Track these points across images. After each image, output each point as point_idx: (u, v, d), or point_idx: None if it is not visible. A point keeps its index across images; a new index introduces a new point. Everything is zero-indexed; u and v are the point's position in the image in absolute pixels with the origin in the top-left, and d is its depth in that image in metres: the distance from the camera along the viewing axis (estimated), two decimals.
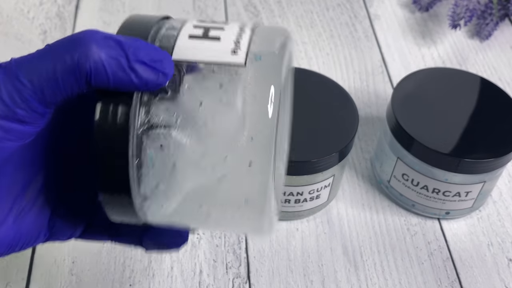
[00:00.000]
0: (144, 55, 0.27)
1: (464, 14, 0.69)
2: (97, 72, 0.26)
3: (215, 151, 0.27)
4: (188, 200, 0.28)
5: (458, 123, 0.50)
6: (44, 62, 0.27)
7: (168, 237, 0.33)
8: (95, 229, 0.35)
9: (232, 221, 0.29)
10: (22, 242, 0.32)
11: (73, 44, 0.27)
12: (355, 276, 0.48)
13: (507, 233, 0.52)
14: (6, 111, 0.27)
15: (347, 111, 0.50)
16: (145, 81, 0.27)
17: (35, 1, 0.71)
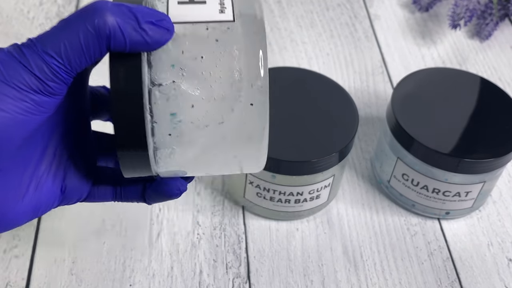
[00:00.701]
0: (150, 16, 0.30)
1: (464, 14, 0.69)
2: (115, 35, 0.29)
3: (220, 97, 0.31)
4: (198, 145, 0.32)
5: (458, 123, 0.50)
6: (66, 33, 0.29)
7: (169, 186, 0.35)
8: (100, 189, 0.37)
9: (234, 161, 0.33)
10: (42, 208, 0.34)
11: (90, 13, 0.29)
12: (355, 276, 0.48)
13: (507, 233, 0.52)
14: (38, 85, 0.29)
15: (347, 111, 0.50)
16: (155, 39, 0.30)
17: (35, 1, 0.71)
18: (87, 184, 0.36)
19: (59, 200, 0.35)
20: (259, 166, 0.35)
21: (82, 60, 0.30)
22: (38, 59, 0.29)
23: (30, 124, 0.30)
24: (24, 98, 0.29)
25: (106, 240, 0.49)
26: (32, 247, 0.48)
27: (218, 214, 0.52)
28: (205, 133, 0.32)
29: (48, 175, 0.34)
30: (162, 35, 0.30)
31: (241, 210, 0.52)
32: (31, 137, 0.32)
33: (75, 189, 0.35)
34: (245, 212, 0.52)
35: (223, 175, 0.54)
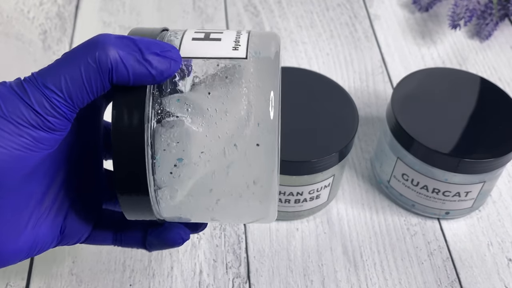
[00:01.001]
0: (155, 47, 0.30)
1: (464, 14, 0.69)
2: (117, 68, 0.29)
3: (224, 136, 0.29)
4: (200, 185, 0.30)
5: (458, 123, 0.50)
6: (67, 67, 0.29)
7: (171, 233, 0.34)
8: (100, 233, 0.36)
9: (239, 206, 0.31)
10: (38, 248, 0.33)
11: (91, 47, 0.29)
12: (355, 276, 0.48)
13: (507, 233, 0.52)
14: (37, 120, 0.28)
15: (347, 111, 0.50)
16: (160, 70, 0.29)
17: (35, 1, 0.71)
18: (87, 227, 0.35)
19: (57, 241, 0.34)
20: (270, 215, 0.33)
21: (84, 94, 0.29)
22: (38, 94, 0.28)
23: (29, 160, 0.29)
24: (22, 134, 0.28)
25: None
26: None
27: None
28: (208, 173, 0.30)
29: (48, 215, 0.33)
30: (168, 66, 0.29)
31: None
32: (32, 174, 0.31)
33: (75, 231, 0.35)
34: None
35: None
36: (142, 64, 0.29)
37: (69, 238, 0.35)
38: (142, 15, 0.71)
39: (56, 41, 0.67)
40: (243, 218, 0.33)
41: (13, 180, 0.29)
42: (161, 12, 0.72)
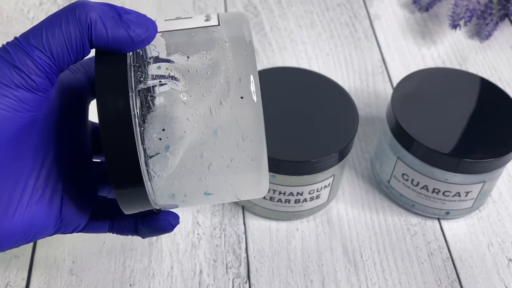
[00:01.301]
0: (132, 12, 0.31)
1: (464, 14, 0.69)
2: (96, 26, 0.29)
3: (209, 94, 0.30)
4: (190, 150, 0.31)
5: (458, 123, 0.50)
6: (48, 25, 0.30)
7: (160, 220, 0.35)
8: (97, 221, 0.37)
9: (232, 171, 0.32)
10: (35, 230, 0.33)
11: (71, 7, 0.30)
12: (355, 276, 0.48)
13: (507, 233, 0.52)
14: (20, 79, 0.29)
15: (347, 111, 0.50)
16: (138, 33, 0.30)
17: (35, 1, 0.71)
18: (85, 215, 0.36)
19: (55, 227, 0.34)
20: (262, 182, 0.33)
21: (65, 51, 0.30)
22: (21, 53, 0.29)
23: (14, 121, 0.30)
24: (5, 93, 0.29)
25: (106, 240, 0.49)
26: (32, 247, 0.48)
27: (218, 214, 0.52)
28: (196, 134, 0.31)
29: (42, 195, 0.33)
30: (145, 30, 0.30)
31: (241, 210, 0.52)
32: (19, 144, 0.31)
33: (72, 219, 0.35)
34: (245, 212, 0.52)
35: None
36: (120, 24, 0.30)
37: (67, 225, 0.35)
38: None
39: None
40: (237, 187, 0.33)
41: (1, 145, 0.30)
42: (161, 12, 0.72)
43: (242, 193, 0.34)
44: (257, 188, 0.33)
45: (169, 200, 0.33)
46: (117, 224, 0.37)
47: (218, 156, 0.31)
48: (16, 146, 0.31)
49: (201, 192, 0.33)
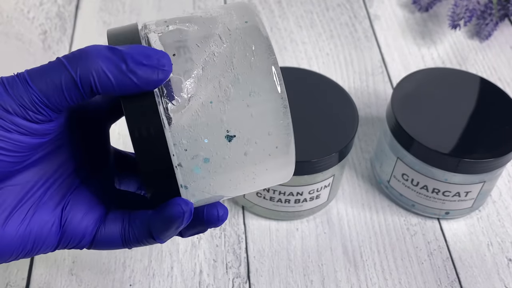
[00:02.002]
0: (142, 57, 0.30)
1: (464, 14, 0.69)
2: (100, 81, 0.30)
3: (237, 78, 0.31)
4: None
5: (458, 123, 0.50)
6: (51, 73, 0.30)
7: (171, 206, 0.33)
8: (107, 234, 0.35)
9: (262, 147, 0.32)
10: (32, 244, 0.32)
11: (77, 58, 0.30)
12: (355, 276, 0.48)
13: (507, 233, 0.52)
14: (17, 110, 0.30)
15: (347, 111, 0.50)
16: (145, 80, 0.30)
17: (35, 1, 0.71)
18: (89, 225, 0.35)
19: (56, 240, 0.34)
20: (287, 174, 0.34)
21: (62, 99, 0.30)
22: (20, 87, 0.30)
23: (18, 141, 0.30)
24: (3, 117, 0.30)
25: None
26: None
27: None
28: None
29: (41, 209, 0.33)
30: (155, 75, 0.30)
31: (241, 210, 0.52)
32: (22, 162, 0.32)
33: (75, 232, 0.34)
34: (245, 212, 0.52)
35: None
36: (126, 74, 0.30)
37: (71, 235, 0.34)
38: (142, 15, 0.71)
39: (56, 41, 0.67)
40: (264, 164, 0.33)
41: (8, 161, 0.31)
42: (161, 12, 0.72)
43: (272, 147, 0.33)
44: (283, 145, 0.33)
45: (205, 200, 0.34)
46: (129, 231, 0.35)
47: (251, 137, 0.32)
48: (20, 163, 0.31)
49: (221, 132, 0.33)
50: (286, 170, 0.34)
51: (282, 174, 0.34)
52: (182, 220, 0.33)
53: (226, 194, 0.34)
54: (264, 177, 0.33)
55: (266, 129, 0.31)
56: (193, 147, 0.31)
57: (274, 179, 0.34)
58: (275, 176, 0.34)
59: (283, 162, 0.33)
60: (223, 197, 0.34)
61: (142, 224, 0.34)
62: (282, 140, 0.32)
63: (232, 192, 0.34)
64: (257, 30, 0.33)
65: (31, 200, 0.33)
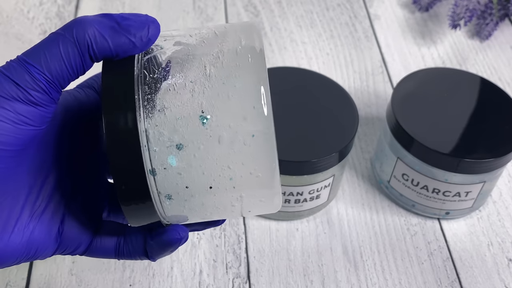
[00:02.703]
0: (130, 16, 0.31)
1: (464, 14, 0.69)
2: (97, 42, 0.30)
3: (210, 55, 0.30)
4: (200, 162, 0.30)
5: (458, 123, 0.50)
6: (47, 44, 0.30)
7: (168, 232, 0.34)
8: (101, 243, 0.36)
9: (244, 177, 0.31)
10: (34, 251, 0.33)
11: (69, 25, 0.30)
12: (355, 276, 0.48)
13: (507, 233, 0.52)
14: (18, 93, 0.29)
15: (347, 111, 0.50)
16: (139, 36, 0.31)
17: (35, 1, 0.71)
18: (86, 233, 0.35)
19: (54, 246, 0.34)
20: (274, 205, 0.33)
21: (63, 68, 0.30)
22: (20, 68, 0.30)
23: (14, 133, 0.30)
24: (4, 105, 0.29)
25: None
26: None
27: None
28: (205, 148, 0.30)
29: (41, 216, 0.33)
30: (145, 30, 0.31)
31: None
32: (19, 159, 0.31)
33: (72, 239, 0.34)
34: None
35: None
36: (120, 32, 0.30)
37: (68, 243, 0.34)
38: None
39: None
40: (242, 210, 0.32)
41: (3, 156, 0.30)
42: (161, 12, 0.72)
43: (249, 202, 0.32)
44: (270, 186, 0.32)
45: (178, 218, 0.33)
46: (124, 246, 0.36)
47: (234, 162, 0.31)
48: (16, 160, 0.31)
49: (208, 213, 0.32)
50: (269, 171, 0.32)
51: (262, 173, 0.32)
52: (179, 246, 0.34)
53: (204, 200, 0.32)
54: (243, 177, 0.31)
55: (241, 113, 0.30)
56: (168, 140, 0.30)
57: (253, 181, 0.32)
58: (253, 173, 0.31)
59: (263, 154, 0.31)
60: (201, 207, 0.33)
61: (138, 243, 0.35)
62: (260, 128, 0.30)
63: (208, 199, 0.32)
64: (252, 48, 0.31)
65: (32, 208, 0.32)
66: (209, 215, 0.33)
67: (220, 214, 0.33)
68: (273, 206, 0.33)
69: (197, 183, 0.30)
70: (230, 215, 0.33)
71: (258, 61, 0.31)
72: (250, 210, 0.33)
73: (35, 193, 0.33)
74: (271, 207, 0.33)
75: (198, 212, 0.32)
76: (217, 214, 0.33)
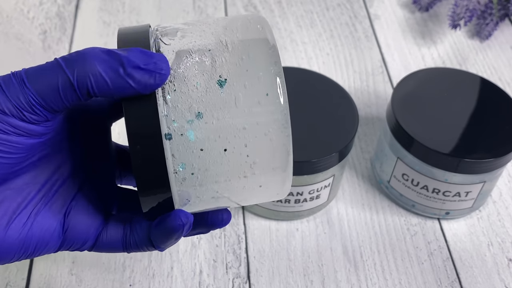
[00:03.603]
0: (139, 61, 0.30)
1: (464, 14, 0.69)
2: (97, 84, 0.29)
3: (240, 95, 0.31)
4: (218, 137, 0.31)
5: (458, 123, 0.50)
6: (48, 74, 0.30)
7: (170, 217, 0.34)
8: (108, 238, 0.36)
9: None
10: (34, 246, 0.33)
11: (74, 60, 0.30)
12: (355, 276, 0.48)
13: (507, 233, 0.52)
14: (13, 112, 0.30)
15: (347, 111, 0.50)
16: (143, 84, 0.30)
17: (35, 1, 0.71)
18: (92, 229, 0.35)
19: (58, 242, 0.34)
20: (283, 191, 0.34)
21: (59, 102, 0.30)
22: (17, 87, 0.30)
23: (16, 143, 0.30)
24: (1, 119, 0.29)
25: None
26: None
27: None
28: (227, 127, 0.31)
29: (43, 211, 0.33)
30: (152, 79, 0.30)
31: (241, 210, 0.52)
32: (20, 163, 0.31)
33: (77, 234, 0.34)
34: (245, 212, 0.52)
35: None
36: (123, 78, 0.30)
37: (74, 240, 0.34)
38: (142, 15, 0.71)
39: (56, 41, 0.67)
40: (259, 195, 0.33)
41: (4, 162, 0.30)
42: (161, 11, 0.72)
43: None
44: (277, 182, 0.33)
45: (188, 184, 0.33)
46: (130, 237, 0.36)
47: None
48: (16, 161, 0.31)
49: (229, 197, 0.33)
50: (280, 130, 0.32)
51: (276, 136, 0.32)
52: (182, 232, 0.33)
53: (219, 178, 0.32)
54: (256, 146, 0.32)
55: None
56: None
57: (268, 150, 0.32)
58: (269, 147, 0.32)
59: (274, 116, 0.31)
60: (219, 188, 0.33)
61: (143, 232, 0.35)
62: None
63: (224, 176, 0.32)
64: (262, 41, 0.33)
65: (32, 204, 0.33)
66: (221, 192, 0.33)
67: (230, 190, 0.33)
68: (283, 183, 0.33)
69: (212, 146, 0.31)
70: (241, 193, 0.33)
71: (267, 29, 0.32)
72: (261, 185, 0.33)
73: (35, 189, 0.33)
74: (281, 184, 0.33)
75: (209, 187, 0.32)
76: (228, 190, 0.33)
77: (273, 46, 0.32)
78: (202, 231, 0.36)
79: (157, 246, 0.35)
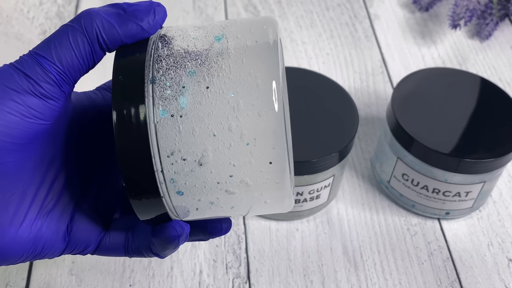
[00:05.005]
0: (135, 4, 0.32)
1: (464, 14, 0.69)
2: (104, 28, 0.31)
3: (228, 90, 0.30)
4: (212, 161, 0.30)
5: (458, 123, 0.50)
6: (57, 36, 0.31)
7: (167, 227, 0.34)
8: (111, 242, 0.36)
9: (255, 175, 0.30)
10: (41, 248, 0.33)
11: (76, 18, 0.31)
12: (355, 276, 0.48)
13: (507, 233, 0.52)
14: (29, 86, 0.30)
15: (347, 111, 0.50)
16: (146, 20, 0.31)
17: (35, 1, 0.71)
18: (96, 233, 0.35)
19: (63, 245, 0.34)
20: (285, 205, 0.32)
21: (74, 58, 0.30)
22: (30, 60, 0.30)
23: (23, 127, 0.30)
24: (15, 98, 0.29)
25: None
26: None
27: None
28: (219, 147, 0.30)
29: (50, 212, 0.33)
30: (152, 14, 0.31)
31: None
32: (28, 154, 0.31)
33: (81, 238, 0.34)
34: None
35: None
36: (127, 18, 0.31)
37: (77, 243, 0.34)
38: None
39: None
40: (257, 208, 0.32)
41: (10, 147, 0.30)
42: None
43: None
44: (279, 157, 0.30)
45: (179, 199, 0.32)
46: (132, 243, 0.36)
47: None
48: (24, 154, 0.31)
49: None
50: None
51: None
52: (178, 243, 0.34)
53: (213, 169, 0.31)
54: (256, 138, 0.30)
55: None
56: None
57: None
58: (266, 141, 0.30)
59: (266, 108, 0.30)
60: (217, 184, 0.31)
61: (145, 239, 0.35)
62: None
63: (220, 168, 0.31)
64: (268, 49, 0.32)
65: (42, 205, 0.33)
66: (216, 204, 0.32)
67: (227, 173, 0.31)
68: (282, 170, 0.30)
69: (202, 128, 0.29)
70: (238, 185, 0.31)
71: (269, 19, 0.33)
72: (261, 169, 0.31)
73: (44, 190, 0.33)
74: (281, 173, 0.30)
75: (200, 178, 0.31)
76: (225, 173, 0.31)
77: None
78: (201, 239, 0.36)
79: (156, 254, 0.35)
